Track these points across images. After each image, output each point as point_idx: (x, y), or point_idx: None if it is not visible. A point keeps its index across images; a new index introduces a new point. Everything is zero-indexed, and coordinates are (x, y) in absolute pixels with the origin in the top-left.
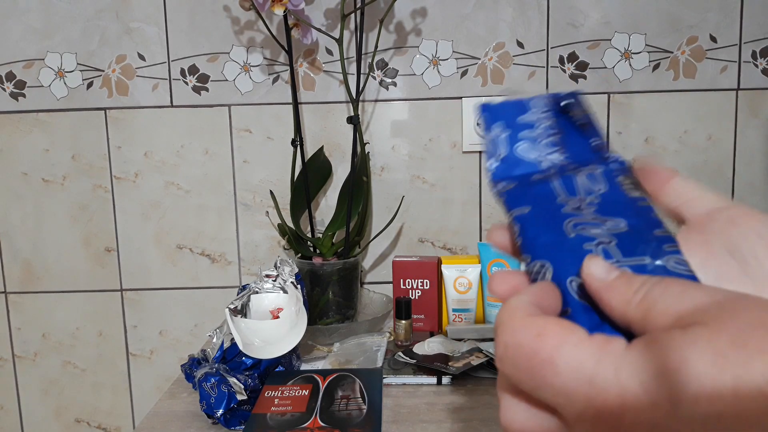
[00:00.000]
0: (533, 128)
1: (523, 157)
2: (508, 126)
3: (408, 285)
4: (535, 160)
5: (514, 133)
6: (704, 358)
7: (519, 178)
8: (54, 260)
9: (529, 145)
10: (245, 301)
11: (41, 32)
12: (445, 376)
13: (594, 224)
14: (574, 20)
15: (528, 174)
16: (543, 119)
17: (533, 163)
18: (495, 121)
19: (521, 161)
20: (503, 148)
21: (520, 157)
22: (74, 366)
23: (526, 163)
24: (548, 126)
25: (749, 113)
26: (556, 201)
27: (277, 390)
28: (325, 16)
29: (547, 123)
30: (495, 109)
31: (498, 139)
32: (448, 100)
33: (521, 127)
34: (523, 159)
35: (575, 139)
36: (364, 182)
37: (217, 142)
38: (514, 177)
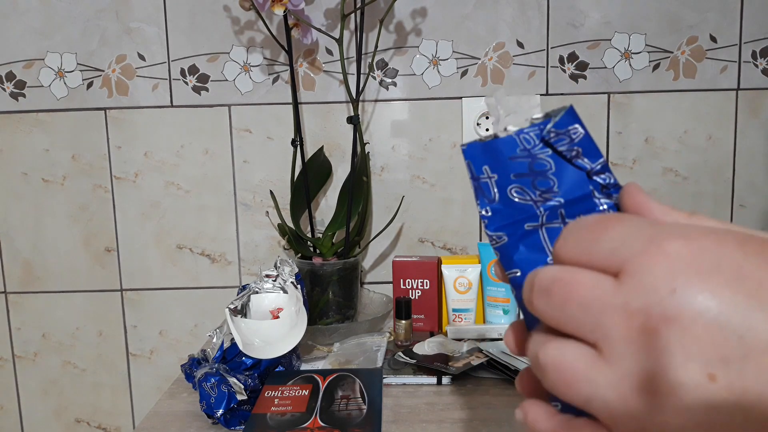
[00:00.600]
0: (525, 167)
1: (516, 200)
2: (498, 168)
3: (408, 285)
4: (528, 202)
5: (505, 175)
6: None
7: (511, 227)
8: (54, 260)
9: (521, 187)
10: (245, 301)
11: (41, 32)
12: (445, 376)
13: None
14: (574, 20)
15: (520, 221)
16: (534, 155)
17: (527, 206)
18: (483, 163)
19: (514, 206)
20: (495, 194)
21: (513, 201)
22: (74, 366)
23: (519, 208)
24: (540, 162)
25: (749, 113)
26: (547, 260)
27: (277, 390)
28: (325, 16)
29: (538, 158)
30: (481, 150)
31: (488, 184)
32: (448, 100)
33: (512, 167)
34: (516, 203)
35: (568, 170)
36: (364, 182)
37: (217, 142)
38: (507, 226)
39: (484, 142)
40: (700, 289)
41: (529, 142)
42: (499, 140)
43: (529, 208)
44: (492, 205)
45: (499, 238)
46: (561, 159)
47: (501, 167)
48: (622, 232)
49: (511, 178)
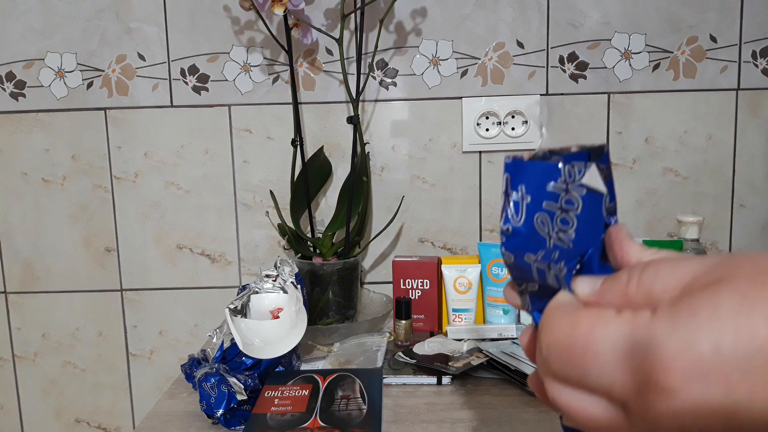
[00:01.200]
0: (557, 199)
1: (538, 230)
2: (533, 191)
3: (408, 285)
4: (545, 236)
5: (537, 201)
6: (732, 301)
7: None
8: (54, 260)
9: (546, 218)
10: (245, 301)
11: (41, 32)
12: (445, 376)
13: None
14: (574, 20)
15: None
16: (569, 190)
17: (543, 239)
18: (520, 182)
19: (534, 235)
20: (522, 216)
21: (535, 229)
22: (74, 366)
23: (537, 238)
24: (571, 199)
25: (749, 113)
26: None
27: (277, 390)
28: (325, 16)
29: (572, 195)
30: (523, 167)
31: (519, 205)
32: (448, 100)
33: (546, 196)
34: (536, 233)
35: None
36: (364, 182)
37: (217, 142)
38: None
39: (530, 161)
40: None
41: (571, 176)
42: (545, 164)
43: (543, 242)
44: (515, 225)
45: (508, 258)
46: (590, 201)
47: (536, 192)
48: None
49: (542, 206)
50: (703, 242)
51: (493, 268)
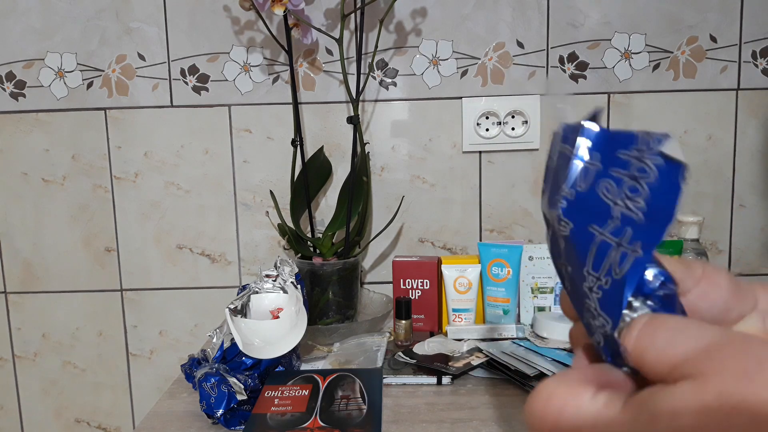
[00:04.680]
0: (627, 167)
1: (601, 197)
2: (605, 159)
3: (408, 285)
4: (609, 202)
5: (606, 169)
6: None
7: (581, 222)
8: (54, 260)
9: (612, 185)
10: (245, 301)
11: (41, 32)
12: (445, 376)
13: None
14: (574, 20)
15: (590, 220)
16: (642, 157)
17: (606, 205)
18: (597, 150)
19: (596, 200)
20: (588, 182)
21: (598, 196)
22: (74, 366)
23: (599, 203)
24: (644, 166)
25: (749, 113)
26: (583, 272)
27: (277, 390)
28: (325, 16)
29: (645, 161)
30: (601, 136)
31: (589, 171)
32: (448, 100)
33: (616, 162)
34: (599, 198)
35: (664, 185)
36: (364, 182)
37: (217, 142)
38: (578, 220)
39: (609, 131)
40: None
41: (647, 144)
42: (622, 133)
43: (606, 208)
44: (579, 191)
45: (565, 226)
46: (666, 172)
47: (608, 159)
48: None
49: (610, 172)
50: (703, 242)
51: (493, 268)
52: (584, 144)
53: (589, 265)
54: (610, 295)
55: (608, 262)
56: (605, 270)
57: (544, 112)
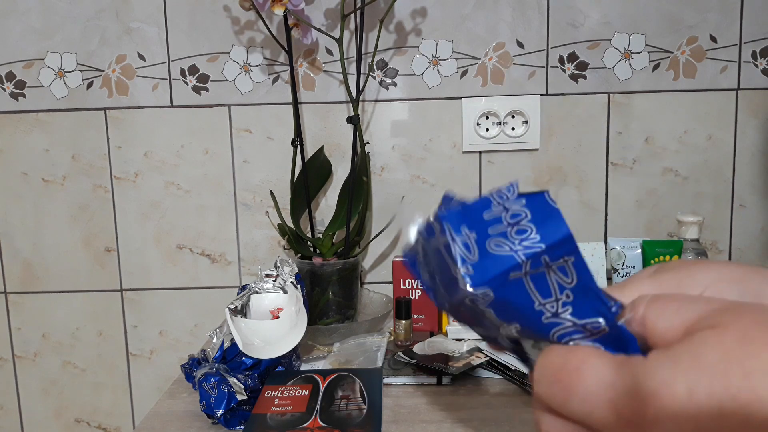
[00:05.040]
0: (500, 221)
1: (497, 252)
2: (475, 226)
3: (408, 285)
4: (509, 253)
5: (483, 232)
6: (714, 354)
7: (496, 280)
8: (54, 260)
9: (500, 240)
10: (245, 301)
11: (41, 32)
12: (445, 376)
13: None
14: (574, 20)
15: (505, 272)
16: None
17: (507, 257)
18: (460, 223)
19: (496, 258)
20: (474, 251)
21: (494, 253)
22: (74, 366)
23: (501, 259)
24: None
25: (749, 113)
26: (534, 308)
27: (277, 390)
28: (325, 16)
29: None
30: (457, 213)
31: (468, 244)
32: (448, 100)
33: (488, 223)
34: (496, 255)
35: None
36: (364, 182)
37: (217, 142)
38: (492, 280)
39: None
40: None
41: (502, 197)
42: (474, 202)
43: (509, 259)
44: (473, 263)
45: (485, 296)
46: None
47: (478, 225)
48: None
49: (489, 233)
50: (703, 242)
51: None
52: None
53: (537, 300)
54: (582, 300)
55: (553, 282)
56: (556, 290)
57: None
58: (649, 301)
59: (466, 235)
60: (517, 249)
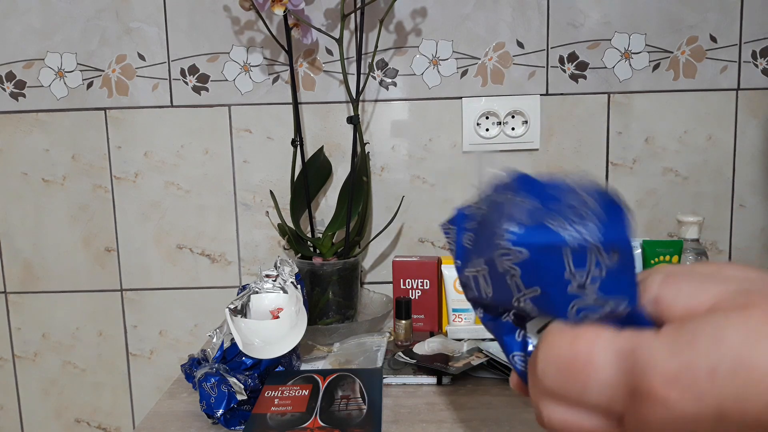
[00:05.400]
0: (560, 201)
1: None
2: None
3: (408, 285)
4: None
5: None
6: (738, 334)
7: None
8: (54, 260)
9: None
10: (245, 301)
11: (41, 32)
12: (445, 376)
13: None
14: (574, 20)
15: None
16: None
17: (557, 233)
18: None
19: (546, 230)
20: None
21: (547, 225)
22: (74, 366)
23: (550, 233)
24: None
25: (749, 113)
26: (563, 277)
27: (277, 390)
28: (325, 16)
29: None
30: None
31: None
32: (448, 100)
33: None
34: (549, 228)
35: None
36: (364, 182)
37: (217, 142)
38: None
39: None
40: None
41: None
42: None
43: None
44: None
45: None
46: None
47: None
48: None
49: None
50: (703, 242)
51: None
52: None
53: (569, 267)
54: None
55: (591, 259)
56: (592, 264)
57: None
58: (662, 281)
59: (530, 203)
60: (569, 229)
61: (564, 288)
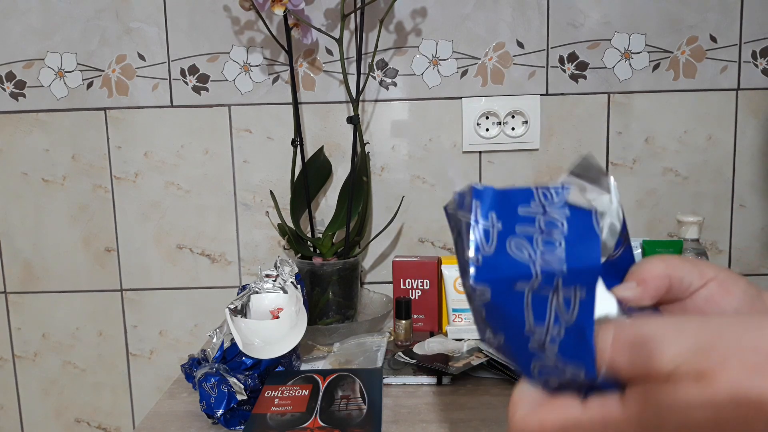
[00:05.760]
0: (534, 223)
1: (514, 255)
2: (504, 217)
3: (408, 285)
4: (526, 260)
5: (510, 226)
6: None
7: (500, 283)
8: (54, 260)
9: (523, 242)
10: (245, 301)
11: (41, 32)
12: (445, 376)
13: (555, 372)
14: (574, 20)
15: (512, 278)
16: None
17: (524, 264)
18: (491, 209)
19: (510, 261)
20: (492, 244)
21: (511, 255)
22: (74, 366)
23: (514, 264)
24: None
25: (749, 113)
26: (524, 331)
27: (277, 390)
28: (325, 16)
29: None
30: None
31: (489, 232)
32: (448, 100)
33: (519, 219)
34: (512, 258)
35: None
36: (364, 182)
37: (217, 142)
38: (495, 281)
39: (501, 190)
40: None
41: (547, 197)
42: (515, 190)
43: (524, 267)
44: (486, 255)
45: (482, 294)
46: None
47: (509, 218)
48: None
49: (516, 230)
50: (703, 242)
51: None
52: (478, 207)
53: (529, 322)
54: (571, 343)
55: (552, 310)
56: (551, 320)
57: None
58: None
59: (492, 223)
60: (536, 260)
61: (525, 344)
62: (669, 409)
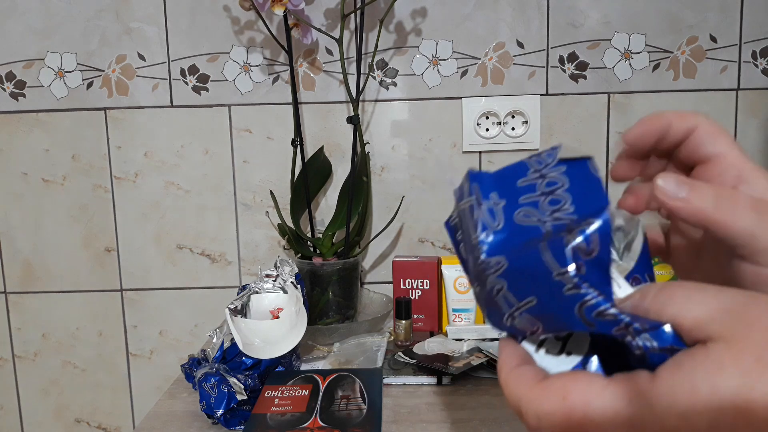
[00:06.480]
0: (535, 189)
1: (523, 223)
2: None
3: (408, 285)
4: (536, 224)
5: (513, 200)
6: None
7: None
8: (54, 260)
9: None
10: (245, 301)
11: (41, 32)
12: (445, 376)
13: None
14: (574, 20)
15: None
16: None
17: (535, 227)
18: (491, 189)
19: (521, 229)
20: (500, 220)
21: (520, 224)
22: (74, 366)
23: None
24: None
25: (749, 113)
26: (553, 278)
27: (277, 390)
28: (325, 16)
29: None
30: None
31: (494, 210)
32: (448, 100)
33: (521, 191)
34: (522, 226)
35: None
36: (364, 182)
37: (217, 142)
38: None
39: (497, 170)
40: None
41: (541, 162)
42: (510, 166)
43: (535, 230)
44: (495, 231)
45: (498, 266)
46: (575, 176)
47: (509, 192)
48: None
49: (519, 201)
50: None
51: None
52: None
53: (555, 269)
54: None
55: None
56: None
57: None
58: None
59: (494, 202)
60: (546, 220)
61: (560, 291)
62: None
